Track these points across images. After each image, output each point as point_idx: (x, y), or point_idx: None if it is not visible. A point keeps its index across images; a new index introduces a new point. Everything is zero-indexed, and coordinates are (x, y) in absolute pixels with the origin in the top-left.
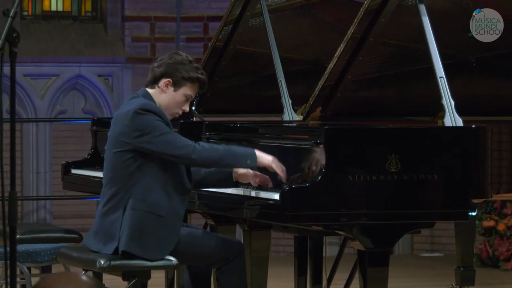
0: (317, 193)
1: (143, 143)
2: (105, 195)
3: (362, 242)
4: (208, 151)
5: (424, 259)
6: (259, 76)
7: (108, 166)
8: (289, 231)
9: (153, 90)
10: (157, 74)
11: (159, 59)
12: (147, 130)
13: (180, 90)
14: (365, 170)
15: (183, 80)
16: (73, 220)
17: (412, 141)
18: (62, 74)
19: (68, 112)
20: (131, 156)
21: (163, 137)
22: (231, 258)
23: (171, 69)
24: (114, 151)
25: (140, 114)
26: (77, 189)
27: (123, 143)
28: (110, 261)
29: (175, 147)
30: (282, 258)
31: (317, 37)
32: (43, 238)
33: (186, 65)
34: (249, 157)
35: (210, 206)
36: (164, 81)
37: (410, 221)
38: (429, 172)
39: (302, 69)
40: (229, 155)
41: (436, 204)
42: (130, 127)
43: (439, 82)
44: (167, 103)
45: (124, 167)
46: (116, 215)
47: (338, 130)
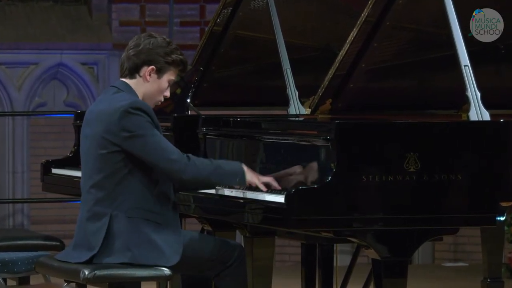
0: (327, 196)
1: (132, 146)
2: (88, 201)
3: (377, 250)
4: (198, 168)
5: (447, 269)
6: (262, 64)
7: (92, 168)
8: (295, 238)
9: (133, 80)
10: (138, 63)
11: (134, 46)
12: (139, 132)
13: (164, 76)
14: (380, 169)
15: (167, 66)
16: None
17: (433, 138)
18: (41, 62)
19: (48, 104)
20: (121, 159)
21: (155, 144)
22: (230, 262)
23: (153, 55)
24: (100, 152)
25: (131, 113)
26: (59, 191)
27: (109, 143)
28: (95, 271)
29: (167, 160)
30: (287, 268)
31: (327, 21)
32: (20, 246)
33: (166, 47)
34: (239, 176)
35: (207, 210)
36: (147, 69)
37: (431, 227)
38: (452, 172)
39: (310, 57)
40: (217, 173)
41: (460, 207)
42: (118, 127)
43: (464, 71)
44: (152, 92)
45: (114, 171)
46: (101, 223)
47: (351, 125)
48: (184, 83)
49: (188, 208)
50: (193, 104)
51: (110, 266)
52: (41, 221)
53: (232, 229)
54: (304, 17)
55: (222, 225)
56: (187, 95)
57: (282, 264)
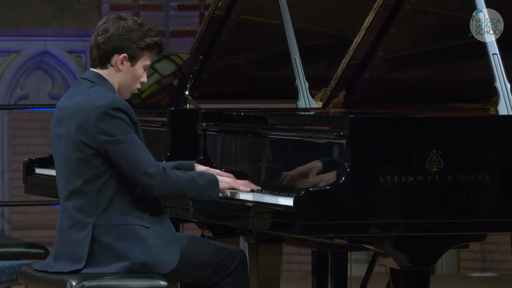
0: (340, 198)
1: (110, 151)
2: (68, 208)
3: (396, 258)
4: (174, 181)
5: (474, 280)
6: (268, 53)
7: (70, 173)
8: (305, 245)
9: (106, 70)
10: (108, 51)
11: (101, 31)
12: (118, 137)
13: (138, 63)
14: (399, 169)
15: (140, 51)
16: (37, 231)
17: (457, 134)
18: (23, 50)
19: (31, 97)
20: (101, 163)
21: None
22: (231, 269)
23: (123, 41)
24: (78, 156)
25: (110, 115)
26: (43, 193)
27: (85, 146)
28: (83, 282)
29: (144, 174)
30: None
31: (341, 5)
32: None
33: (137, 31)
34: (212, 189)
35: (207, 214)
36: (119, 57)
37: (456, 233)
38: (479, 172)
39: (322, 44)
40: (192, 187)
41: (488, 211)
42: (96, 128)
43: (492, 60)
44: (126, 81)
45: (95, 176)
46: (85, 232)
47: (366, 120)
48: (181, 73)
49: (187, 211)
50: (191, 97)
51: (99, 276)
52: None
53: (235, 235)
54: (314, 0)
55: (224, 231)
56: (185, 87)
57: (291, 274)
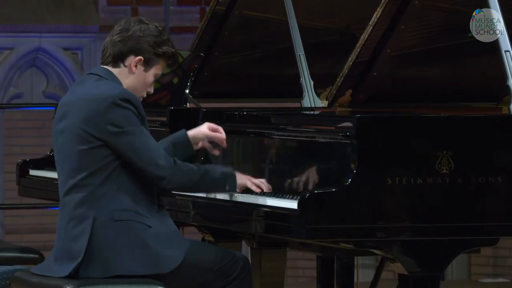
0: (347, 201)
1: (119, 143)
2: (67, 204)
3: (404, 264)
4: (186, 174)
5: (485, 286)
6: (271, 50)
7: (72, 167)
8: (310, 249)
9: (117, 69)
10: (124, 50)
11: (121, 30)
12: (128, 128)
13: (152, 69)
14: (408, 170)
15: (157, 58)
16: (32, 235)
17: (468, 134)
18: (17, 47)
19: (25, 96)
20: (107, 155)
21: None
22: (234, 276)
23: (142, 43)
24: (80, 148)
25: (120, 106)
26: (37, 195)
27: (91, 136)
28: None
29: (155, 166)
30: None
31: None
32: None
33: (157, 37)
34: (228, 182)
35: (208, 217)
36: (135, 59)
37: (467, 237)
38: (491, 174)
39: (328, 41)
40: (205, 179)
41: (500, 215)
42: (104, 119)
43: (504, 57)
44: (135, 85)
45: (99, 169)
46: (82, 226)
47: (374, 119)
48: (182, 71)
49: (187, 215)
50: (192, 95)
51: (97, 282)
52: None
53: (237, 239)
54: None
55: (226, 235)
56: (186, 85)
57: (295, 280)
